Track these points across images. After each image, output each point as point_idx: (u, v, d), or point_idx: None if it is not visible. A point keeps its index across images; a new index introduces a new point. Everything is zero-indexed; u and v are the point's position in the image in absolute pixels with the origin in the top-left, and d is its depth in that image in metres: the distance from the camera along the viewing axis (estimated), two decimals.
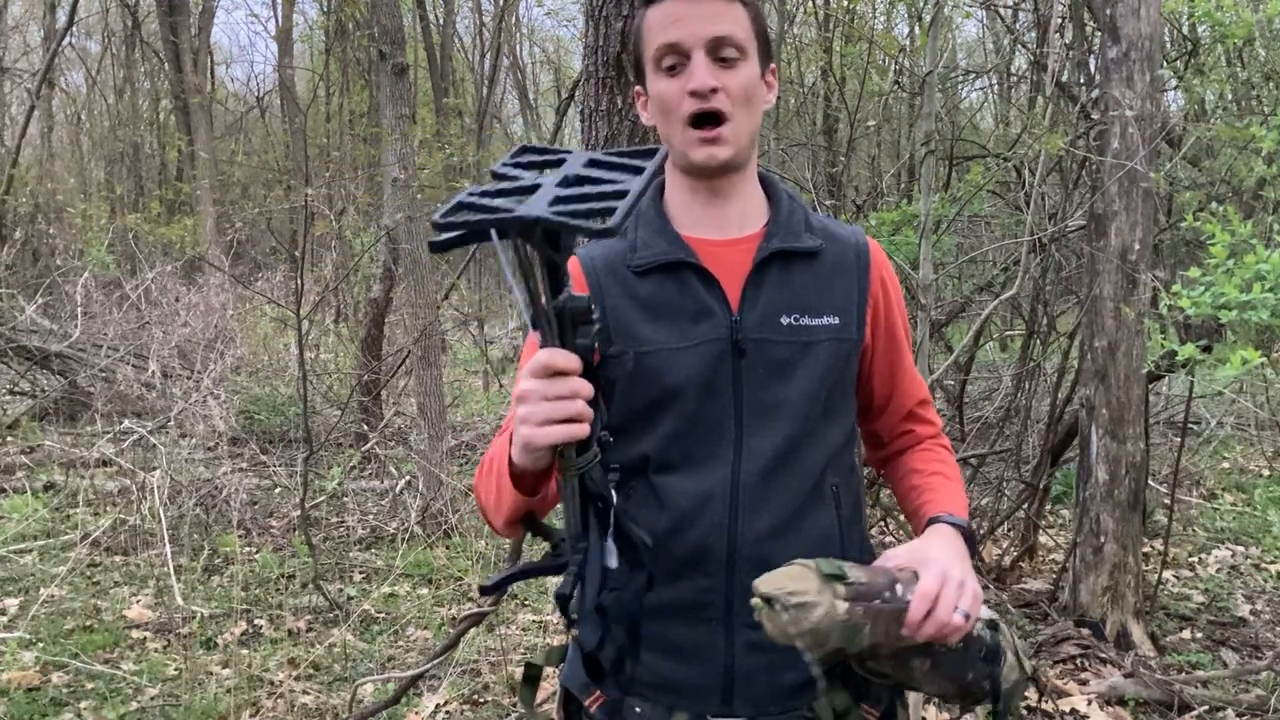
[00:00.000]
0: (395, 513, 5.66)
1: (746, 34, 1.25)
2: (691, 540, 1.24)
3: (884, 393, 1.40)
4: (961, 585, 1.16)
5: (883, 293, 1.35)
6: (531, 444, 0.98)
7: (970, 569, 1.21)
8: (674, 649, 1.24)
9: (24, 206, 12.82)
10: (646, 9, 1.28)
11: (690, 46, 1.23)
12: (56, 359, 8.02)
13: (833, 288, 1.31)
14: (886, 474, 1.48)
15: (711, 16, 1.23)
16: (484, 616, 2.88)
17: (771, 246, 1.28)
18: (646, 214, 1.33)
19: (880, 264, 1.36)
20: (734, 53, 1.24)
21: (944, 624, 1.14)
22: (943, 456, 1.42)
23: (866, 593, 1.12)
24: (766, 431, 1.25)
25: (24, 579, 4.66)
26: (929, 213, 4.14)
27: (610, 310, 1.27)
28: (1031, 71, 6.65)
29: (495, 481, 1.18)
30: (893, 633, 1.13)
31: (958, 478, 1.39)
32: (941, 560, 1.18)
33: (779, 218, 1.32)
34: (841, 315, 1.30)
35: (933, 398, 1.55)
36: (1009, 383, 5.61)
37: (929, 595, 1.13)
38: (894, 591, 1.14)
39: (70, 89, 20.58)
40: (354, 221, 9.20)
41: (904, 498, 1.41)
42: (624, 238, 1.32)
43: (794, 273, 1.29)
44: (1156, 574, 4.12)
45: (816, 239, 1.32)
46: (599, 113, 2.25)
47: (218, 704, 3.37)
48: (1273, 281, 2.40)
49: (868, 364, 1.37)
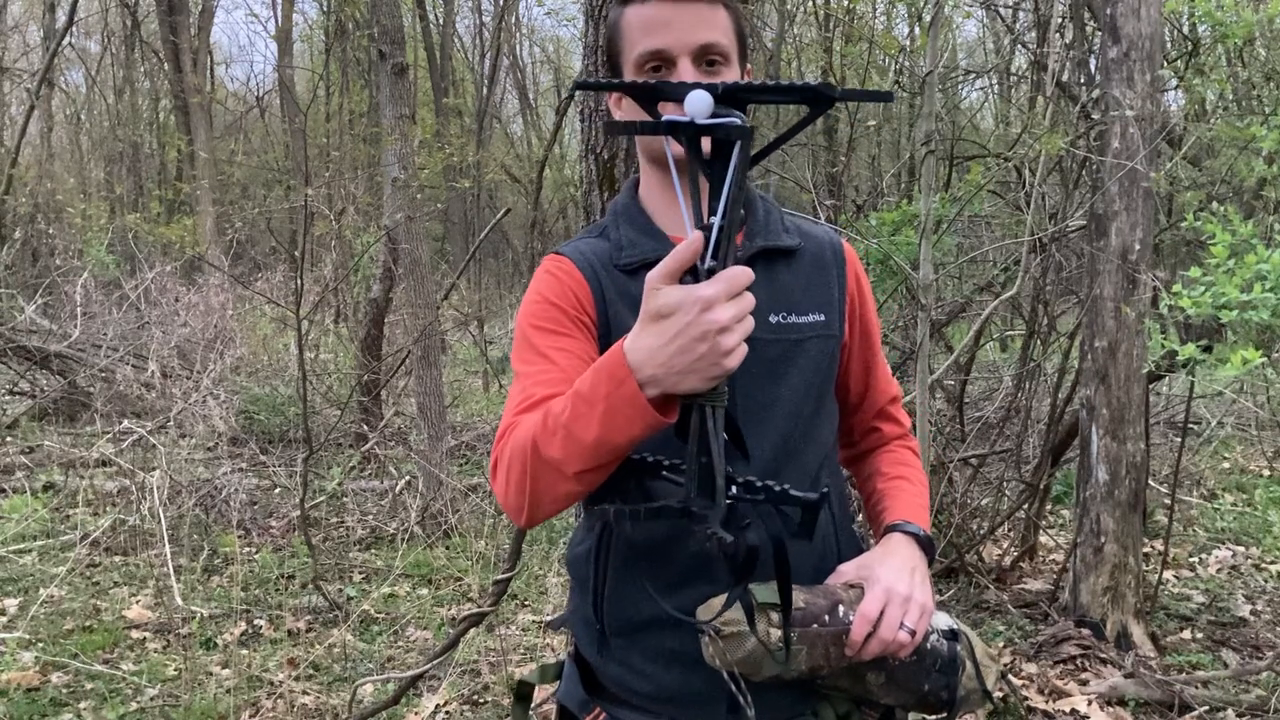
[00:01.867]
0: (395, 513, 5.66)
1: (729, 38, 1.24)
2: (694, 546, 1.23)
3: (859, 390, 1.41)
4: (907, 601, 1.16)
5: (858, 290, 1.36)
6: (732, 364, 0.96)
7: (921, 581, 1.20)
8: (676, 659, 1.23)
9: (24, 206, 12.82)
10: (624, 8, 1.25)
11: (677, 54, 1.20)
12: (56, 359, 8.01)
13: (815, 285, 1.31)
14: (854, 473, 1.48)
15: (697, 22, 1.21)
16: (484, 616, 2.88)
17: (755, 245, 1.28)
18: (627, 212, 1.32)
19: (854, 262, 1.37)
20: (719, 59, 1.22)
21: (888, 643, 1.14)
22: (907, 459, 1.42)
23: (803, 618, 1.13)
24: (763, 432, 1.24)
25: (24, 579, 4.66)
26: (929, 213, 4.14)
27: (610, 305, 1.26)
28: (1031, 71, 6.65)
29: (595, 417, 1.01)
30: (834, 654, 1.15)
31: (921, 481, 1.39)
32: (887, 578, 1.18)
33: (757, 217, 1.31)
34: (825, 312, 1.30)
35: (933, 398, 1.55)
36: (1009, 383, 5.61)
37: (869, 618, 1.14)
38: (835, 614, 1.15)
39: (70, 89, 20.59)
40: (354, 221, 9.22)
41: (866, 500, 1.42)
42: (606, 238, 1.31)
43: (778, 271, 1.29)
44: (1157, 574, 4.12)
45: (794, 238, 1.32)
46: (599, 113, 2.25)
47: (217, 704, 3.37)
48: (1273, 281, 2.40)
49: (846, 361, 1.37)
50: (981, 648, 1.27)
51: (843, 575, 1.23)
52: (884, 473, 1.39)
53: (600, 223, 1.36)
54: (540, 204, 11.25)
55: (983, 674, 1.24)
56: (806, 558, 1.26)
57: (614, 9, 1.28)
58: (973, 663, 1.24)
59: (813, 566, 1.26)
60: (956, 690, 1.22)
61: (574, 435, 1.03)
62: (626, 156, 2.24)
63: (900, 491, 1.36)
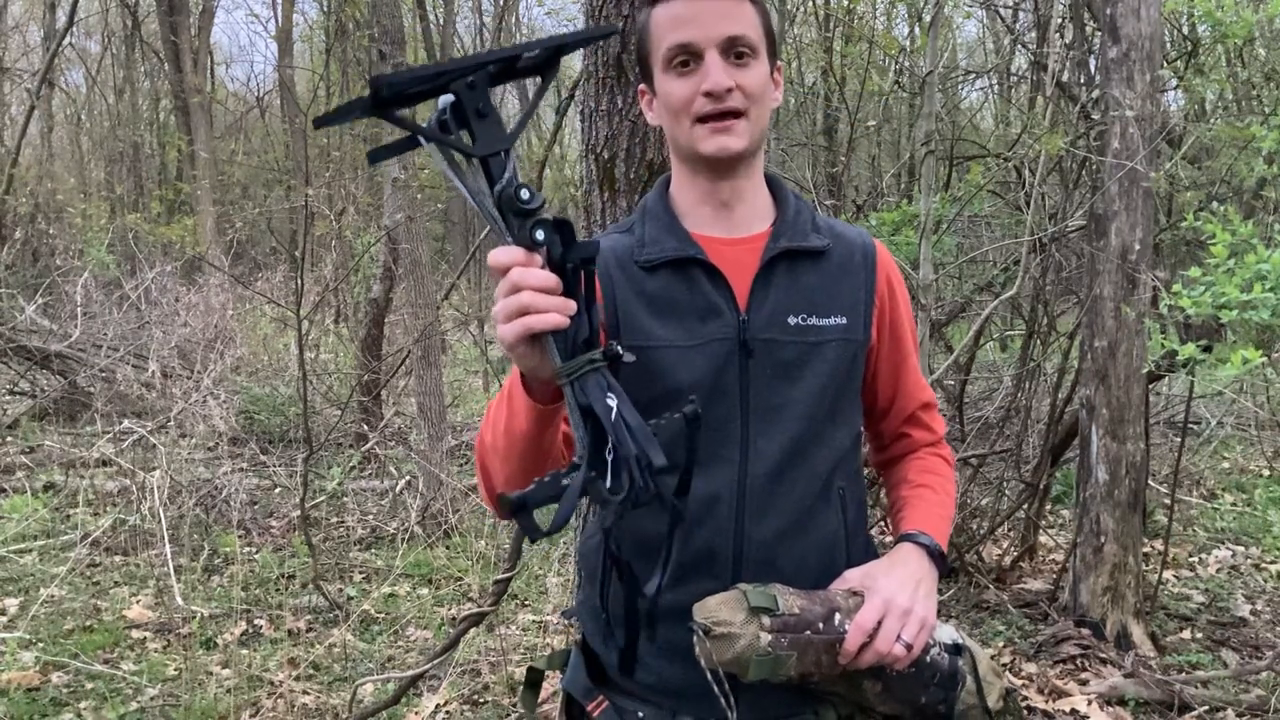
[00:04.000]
0: (395, 513, 5.66)
1: (757, 33, 1.24)
2: (698, 543, 1.23)
3: (887, 395, 1.39)
4: (907, 614, 1.16)
5: (889, 294, 1.34)
6: (502, 341, 0.98)
7: (926, 594, 1.20)
8: (680, 653, 1.22)
9: (24, 206, 12.82)
10: (653, 8, 1.26)
11: (704, 47, 1.21)
12: (56, 359, 8.02)
13: (840, 288, 1.29)
14: (884, 478, 1.47)
15: (723, 15, 1.21)
16: (484, 616, 2.88)
17: (779, 246, 1.27)
18: (654, 210, 1.32)
19: (886, 265, 1.35)
20: (747, 51, 1.22)
21: (883, 655, 1.14)
22: (935, 467, 1.40)
23: (795, 624, 1.13)
24: (774, 433, 1.24)
25: (24, 579, 4.66)
26: (929, 213, 4.15)
27: (619, 304, 1.25)
28: (1031, 71, 6.65)
29: (505, 408, 1.13)
30: (826, 662, 1.14)
31: (947, 490, 1.37)
32: (889, 589, 1.18)
33: (786, 217, 1.31)
34: (849, 315, 1.28)
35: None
36: (1009, 383, 5.61)
37: (865, 629, 1.14)
38: (831, 622, 1.14)
39: (70, 89, 20.58)
40: (354, 221, 9.22)
41: (890, 507, 1.41)
42: (631, 233, 1.31)
43: (801, 272, 1.28)
44: (1156, 574, 4.12)
45: (823, 239, 1.30)
46: (599, 113, 2.25)
47: (218, 704, 3.37)
48: (1273, 281, 2.40)
49: (872, 365, 1.35)
50: (986, 664, 1.26)
51: (847, 581, 1.22)
52: (909, 480, 1.38)
53: (630, 218, 1.36)
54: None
55: (984, 690, 1.24)
56: (811, 558, 1.26)
57: (642, 11, 1.28)
58: (974, 678, 1.23)
59: (818, 568, 1.26)
60: (955, 705, 1.22)
61: (499, 423, 1.14)
62: (626, 157, 2.24)
63: (921, 500, 1.34)
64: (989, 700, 1.24)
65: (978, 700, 1.23)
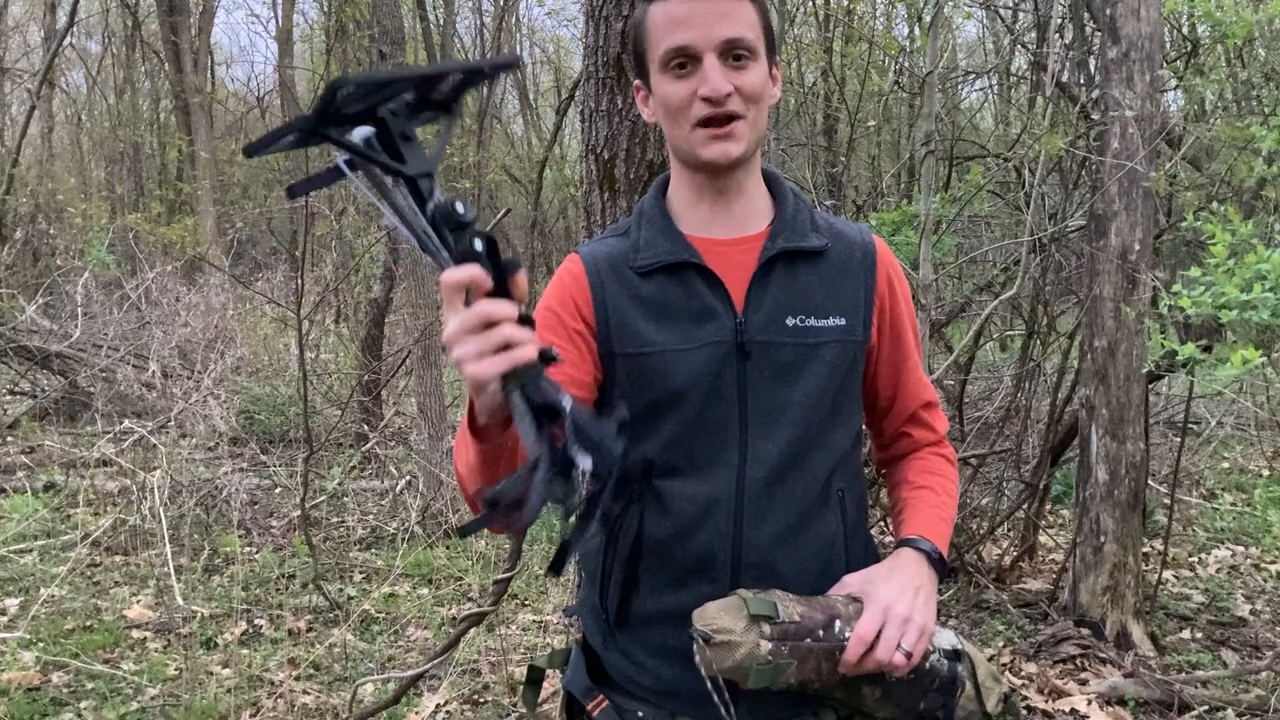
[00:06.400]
0: (395, 513, 5.66)
1: (755, 32, 1.21)
2: (696, 546, 1.23)
3: (888, 394, 1.37)
4: (906, 622, 1.15)
5: (889, 292, 1.32)
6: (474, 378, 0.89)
7: (925, 601, 1.19)
8: (678, 655, 1.22)
9: (24, 206, 12.83)
10: (649, 6, 1.23)
11: (702, 50, 1.19)
12: (56, 359, 8.02)
13: (839, 288, 1.27)
14: (885, 477, 1.46)
15: (722, 16, 1.19)
16: (484, 616, 2.88)
17: (777, 246, 1.25)
18: (650, 213, 1.30)
19: (887, 263, 1.32)
20: (745, 53, 1.20)
21: (883, 663, 1.13)
22: (936, 466, 1.38)
23: (796, 632, 1.12)
24: (772, 435, 1.23)
25: (24, 579, 4.66)
26: (929, 213, 4.15)
27: (610, 311, 1.24)
28: (1031, 71, 6.65)
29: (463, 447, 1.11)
30: (825, 669, 1.14)
31: (948, 490, 1.36)
32: (888, 596, 1.17)
33: (784, 216, 1.29)
34: (848, 316, 1.27)
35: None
36: (1009, 383, 5.61)
37: (865, 640, 1.13)
38: (831, 629, 1.14)
39: (70, 89, 20.58)
40: (354, 221, 9.20)
41: (891, 508, 1.40)
42: (627, 237, 1.30)
43: (800, 273, 1.26)
44: (1156, 574, 4.12)
45: (822, 238, 1.28)
46: (599, 113, 2.25)
47: (218, 704, 3.37)
48: (1273, 281, 2.40)
49: (873, 365, 1.34)
50: (986, 669, 1.26)
51: (846, 586, 1.22)
52: (910, 481, 1.36)
53: (625, 221, 1.34)
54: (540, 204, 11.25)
55: (983, 696, 1.24)
56: (810, 561, 1.26)
57: (639, 8, 1.26)
58: (973, 684, 1.23)
59: (817, 571, 1.25)
60: (954, 711, 1.22)
61: (463, 430, 1.10)
62: (626, 157, 2.24)
63: (921, 502, 1.33)
64: (988, 705, 1.24)
65: (977, 705, 1.23)
